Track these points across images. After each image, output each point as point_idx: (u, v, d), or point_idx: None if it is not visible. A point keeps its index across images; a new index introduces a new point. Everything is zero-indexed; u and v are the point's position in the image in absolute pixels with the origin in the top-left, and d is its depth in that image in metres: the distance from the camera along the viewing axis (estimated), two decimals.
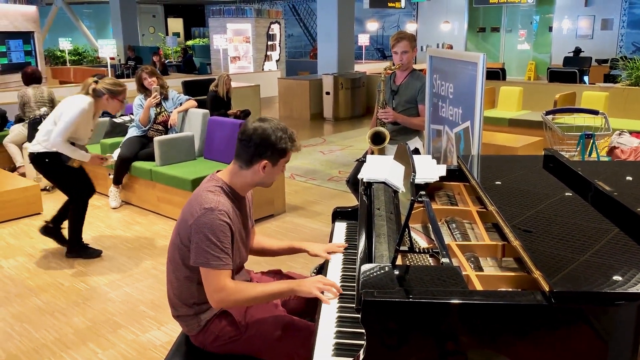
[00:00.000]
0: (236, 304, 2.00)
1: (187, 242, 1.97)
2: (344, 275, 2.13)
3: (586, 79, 11.80)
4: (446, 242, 1.84)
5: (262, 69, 16.06)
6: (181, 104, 5.68)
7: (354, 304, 1.69)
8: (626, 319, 1.36)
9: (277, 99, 11.78)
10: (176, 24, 26.30)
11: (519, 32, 18.15)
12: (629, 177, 2.22)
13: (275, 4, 22.53)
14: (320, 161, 7.40)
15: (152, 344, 3.12)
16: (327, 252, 2.28)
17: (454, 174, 2.57)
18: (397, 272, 1.56)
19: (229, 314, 2.06)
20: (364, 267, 1.60)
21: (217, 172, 2.11)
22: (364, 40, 15.82)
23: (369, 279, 1.54)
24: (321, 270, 2.27)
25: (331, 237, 2.51)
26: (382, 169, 2.45)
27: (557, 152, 2.50)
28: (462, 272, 1.59)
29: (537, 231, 1.69)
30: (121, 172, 5.39)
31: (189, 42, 22.95)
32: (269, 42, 16.68)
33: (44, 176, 4.27)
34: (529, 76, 16.21)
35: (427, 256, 1.83)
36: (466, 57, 3.17)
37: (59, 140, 3.88)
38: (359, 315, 1.43)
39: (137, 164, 5.32)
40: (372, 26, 18.67)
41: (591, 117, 5.08)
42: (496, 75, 10.83)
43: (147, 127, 5.50)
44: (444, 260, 1.70)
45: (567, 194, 2.07)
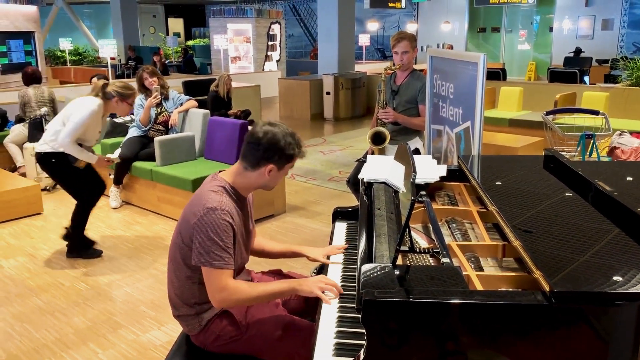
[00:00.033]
0: (238, 304, 2.00)
1: (189, 242, 1.97)
2: (344, 275, 2.13)
3: (587, 79, 11.79)
4: (446, 242, 1.84)
5: (263, 69, 16.06)
6: (182, 104, 5.69)
7: (355, 304, 1.69)
8: (626, 319, 1.36)
9: (278, 99, 11.78)
10: (177, 24, 26.31)
11: (520, 32, 18.16)
12: (629, 177, 2.22)
13: (275, 4, 22.54)
14: (320, 161, 7.40)
15: (153, 344, 3.12)
16: (328, 256, 2.29)
17: (455, 174, 2.57)
18: (397, 272, 1.57)
19: (229, 314, 2.06)
20: (365, 267, 1.60)
21: (219, 172, 2.11)
22: (364, 40, 15.82)
23: (370, 279, 1.54)
24: (321, 270, 2.27)
25: (331, 237, 2.51)
26: (383, 169, 2.45)
27: (557, 153, 2.50)
28: (463, 272, 1.59)
29: (537, 231, 1.69)
30: (122, 172, 5.39)
31: (190, 42, 22.95)
32: (270, 42, 16.69)
33: (50, 176, 4.28)
34: (529, 76, 16.21)
35: (428, 256, 1.83)
36: (467, 57, 3.17)
37: (67, 140, 3.90)
38: (359, 315, 1.43)
39: (138, 164, 5.32)
40: (373, 26, 18.67)
41: (592, 118, 5.08)
42: (496, 75, 10.83)
43: (148, 127, 5.50)
44: (445, 260, 1.70)
45: (567, 194, 2.07)
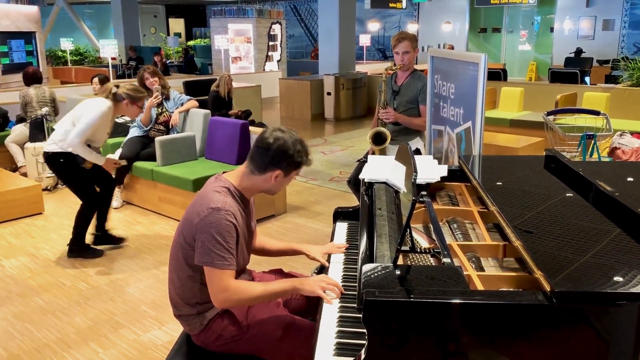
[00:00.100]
0: (239, 304, 2.00)
1: (191, 242, 1.97)
2: (345, 275, 2.13)
3: (587, 80, 11.78)
4: (447, 242, 1.85)
5: (264, 70, 16.06)
6: (182, 104, 5.69)
7: (356, 304, 1.69)
8: (627, 319, 1.36)
9: (278, 99, 11.78)
10: (177, 24, 26.32)
11: (520, 32, 18.15)
12: (630, 177, 2.23)
13: (276, 4, 22.54)
14: (321, 161, 7.40)
15: (154, 344, 3.12)
16: (327, 253, 2.31)
17: (455, 174, 2.57)
18: (398, 272, 1.57)
19: (231, 314, 2.06)
20: (366, 267, 1.60)
21: (223, 173, 2.11)
22: (365, 40, 15.81)
23: (371, 279, 1.54)
24: (322, 270, 2.28)
25: (332, 237, 2.52)
26: (384, 169, 2.46)
27: (558, 153, 2.50)
28: (464, 272, 1.60)
29: (538, 231, 1.70)
30: (122, 172, 5.39)
31: (190, 43, 22.95)
32: (270, 43, 16.68)
33: (57, 176, 4.29)
34: (530, 77, 16.21)
35: (429, 256, 1.83)
36: (467, 58, 3.17)
37: (76, 141, 3.91)
38: (360, 315, 1.43)
39: (139, 164, 5.32)
40: (373, 26, 18.67)
41: (592, 118, 5.08)
42: (497, 75, 10.82)
43: (149, 127, 5.51)
44: (446, 260, 1.70)
45: (568, 194, 2.08)
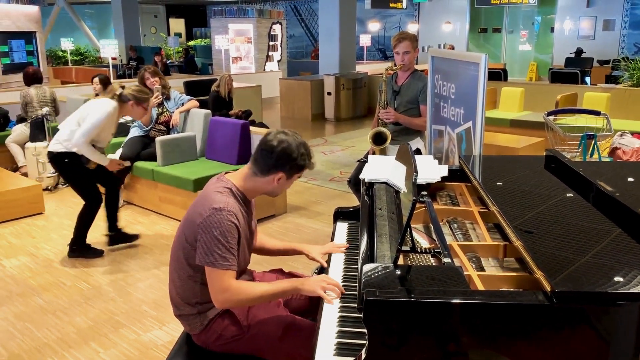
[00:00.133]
0: (240, 304, 2.00)
1: (192, 242, 1.97)
2: (345, 275, 2.13)
3: (588, 80, 11.77)
4: (448, 242, 1.85)
5: (264, 70, 16.06)
6: (183, 104, 5.69)
7: (356, 304, 1.69)
8: (628, 319, 1.36)
9: (279, 99, 11.78)
10: (178, 24, 26.32)
11: (521, 32, 18.15)
12: (630, 178, 2.23)
13: (276, 4, 22.54)
14: (321, 161, 7.40)
15: (154, 344, 3.12)
16: (327, 253, 2.32)
17: (456, 175, 2.57)
18: (399, 272, 1.57)
19: (231, 313, 2.06)
20: (366, 267, 1.60)
21: (225, 174, 2.11)
22: (365, 40, 15.81)
23: (371, 278, 1.54)
24: (323, 270, 2.28)
25: (333, 237, 2.52)
26: (384, 169, 2.46)
27: (558, 153, 2.50)
28: (464, 272, 1.60)
29: (538, 232, 1.70)
30: (123, 172, 5.39)
31: (191, 43, 22.95)
32: (271, 43, 16.69)
33: (61, 175, 4.30)
34: (530, 77, 16.20)
35: (429, 256, 1.83)
36: (468, 58, 3.17)
37: (82, 140, 3.92)
38: (360, 315, 1.43)
39: (139, 164, 5.32)
40: (374, 26, 18.68)
41: (593, 118, 5.08)
42: (498, 75, 10.82)
43: (149, 127, 5.51)
44: (446, 260, 1.70)
45: (568, 194, 2.08)
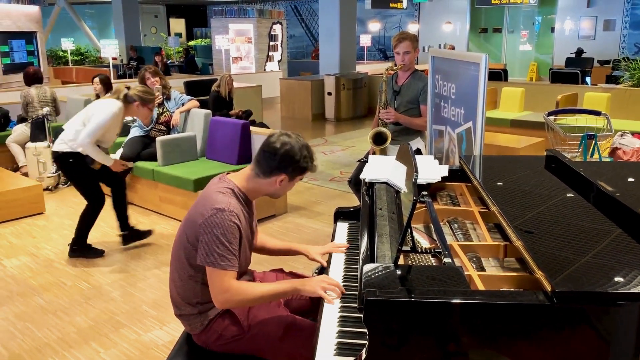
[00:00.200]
0: (240, 305, 2.00)
1: (194, 242, 1.97)
2: (346, 275, 2.13)
3: (588, 80, 11.77)
4: (448, 242, 1.85)
5: (264, 70, 16.06)
6: (183, 104, 5.70)
7: (356, 304, 1.69)
8: (628, 319, 1.36)
9: (279, 99, 11.79)
10: (178, 24, 26.33)
11: (521, 32, 18.14)
12: (631, 178, 2.23)
13: (277, 4, 22.54)
14: (322, 162, 7.40)
15: (155, 344, 3.13)
16: (327, 253, 2.32)
17: (456, 175, 2.57)
18: (399, 272, 1.57)
19: (232, 313, 2.06)
20: (367, 267, 1.60)
21: (227, 174, 2.11)
22: (365, 40, 15.82)
23: (372, 278, 1.54)
24: (323, 270, 2.28)
25: (333, 237, 2.52)
26: (384, 169, 2.46)
27: (559, 153, 2.50)
28: (464, 272, 1.60)
29: (539, 232, 1.70)
30: (123, 172, 5.39)
31: (191, 43, 22.96)
32: (271, 43, 16.69)
33: (65, 175, 4.30)
34: (530, 77, 16.20)
35: (430, 256, 1.83)
36: (468, 58, 3.17)
37: (87, 141, 3.93)
38: (361, 315, 1.43)
39: (140, 164, 5.33)
40: (374, 27, 18.67)
41: (593, 118, 5.08)
42: (498, 76, 10.82)
43: (150, 127, 5.51)
44: (446, 260, 1.70)
45: (569, 194, 2.08)
